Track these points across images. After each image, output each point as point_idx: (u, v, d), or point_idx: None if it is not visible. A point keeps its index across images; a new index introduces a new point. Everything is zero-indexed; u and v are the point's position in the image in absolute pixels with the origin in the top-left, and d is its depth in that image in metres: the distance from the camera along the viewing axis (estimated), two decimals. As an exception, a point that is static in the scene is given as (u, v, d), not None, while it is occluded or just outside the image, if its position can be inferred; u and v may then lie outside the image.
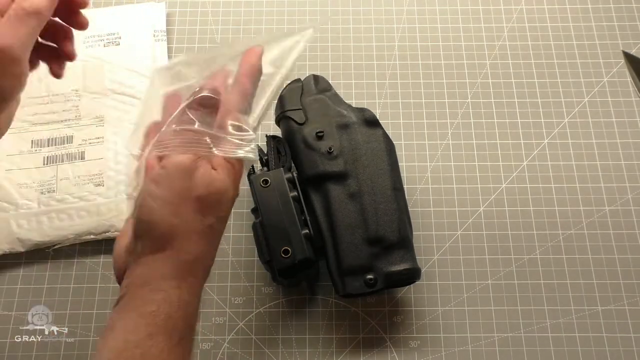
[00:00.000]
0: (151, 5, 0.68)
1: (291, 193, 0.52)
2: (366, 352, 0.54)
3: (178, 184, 0.36)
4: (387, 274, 0.50)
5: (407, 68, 0.67)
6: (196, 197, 0.37)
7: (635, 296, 0.56)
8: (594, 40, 0.68)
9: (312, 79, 0.59)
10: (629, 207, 0.59)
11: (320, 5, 0.71)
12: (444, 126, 0.64)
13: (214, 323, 0.55)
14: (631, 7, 0.70)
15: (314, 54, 0.68)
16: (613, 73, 0.66)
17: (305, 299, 0.56)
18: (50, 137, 0.61)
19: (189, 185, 0.37)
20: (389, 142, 0.55)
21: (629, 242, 0.58)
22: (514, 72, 0.67)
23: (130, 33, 0.67)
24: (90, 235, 0.57)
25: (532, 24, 0.69)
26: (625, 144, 0.63)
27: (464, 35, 0.69)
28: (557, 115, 0.64)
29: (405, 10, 0.70)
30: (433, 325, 0.55)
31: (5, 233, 0.56)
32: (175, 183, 0.36)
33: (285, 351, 0.54)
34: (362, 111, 0.56)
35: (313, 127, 0.55)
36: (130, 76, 0.64)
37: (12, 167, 0.60)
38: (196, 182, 0.37)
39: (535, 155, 0.62)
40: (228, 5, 0.70)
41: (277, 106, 0.58)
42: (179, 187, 0.36)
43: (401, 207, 0.53)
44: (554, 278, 0.57)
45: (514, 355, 0.54)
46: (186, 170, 0.37)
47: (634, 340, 0.54)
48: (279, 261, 0.50)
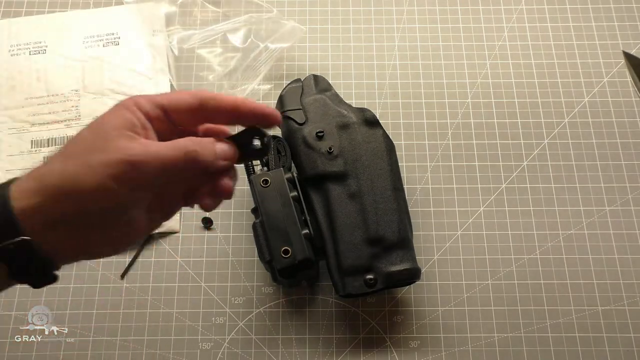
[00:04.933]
0: (150, 5, 0.68)
1: (291, 193, 0.52)
2: (366, 352, 0.54)
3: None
4: (387, 274, 0.50)
5: (407, 68, 0.67)
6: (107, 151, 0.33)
7: (635, 296, 0.56)
8: (594, 40, 0.68)
9: (312, 79, 0.59)
10: (629, 207, 0.59)
11: (320, 5, 0.71)
12: (444, 126, 0.64)
13: (214, 323, 0.55)
14: (631, 7, 0.70)
15: (314, 54, 0.68)
16: (613, 73, 0.66)
17: (305, 299, 0.56)
18: (50, 137, 0.61)
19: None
20: (389, 142, 0.55)
21: (629, 242, 0.58)
22: (514, 72, 0.66)
23: (130, 33, 0.67)
24: (90, 235, 0.57)
25: (532, 24, 0.69)
26: (625, 144, 0.63)
27: (464, 35, 0.69)
28: (557, 115, 0.64)
29: (405, 10, 0.70)
30: (433, 325, 0.55)
31: (5, 233, 0.56)
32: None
33: (285, 351, 0.54)
34: (362, 111, 0.56)
35: (313, 127, 0.55)
36: (129, 76, 0.64)
37: (12, 167, 0.60)
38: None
39: (535, 155, 0.62)
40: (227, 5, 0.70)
41: (277, 106, 0.58)
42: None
43: (401, 207, 0.53)
44: (554, 278, 0.57)
45: (514, 355, 0.54)
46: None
47: (634, 340, 0.54)
48: (279, 261, 0.50)
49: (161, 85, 0.65)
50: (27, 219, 0.32)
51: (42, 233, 0.32)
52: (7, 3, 0.70)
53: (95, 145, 0.33)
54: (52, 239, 0.32)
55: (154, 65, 0.65)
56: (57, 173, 0.32)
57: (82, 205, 0.32)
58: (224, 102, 0.37)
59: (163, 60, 0.66)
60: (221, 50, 0.67)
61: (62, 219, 0.32)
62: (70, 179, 0.32)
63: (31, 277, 0.34)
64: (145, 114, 0.35)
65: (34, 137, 0.61)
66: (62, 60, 0.65)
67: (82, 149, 0.33)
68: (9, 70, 0.65)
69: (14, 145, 0.61)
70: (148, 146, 0.33)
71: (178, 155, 0.34)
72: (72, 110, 0.62)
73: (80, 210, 0.32)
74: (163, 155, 0.33)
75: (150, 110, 0.35)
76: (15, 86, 0.64)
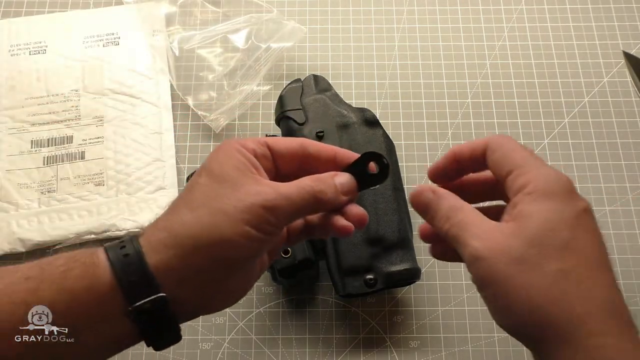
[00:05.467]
0: (150, 5, 0.68)
1: (291, 193, 0.52)
2: (366, 352, 0.54)
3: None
4: (387, 274, 0.50)
5: (407, 68, 0.67)
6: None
7: (635, 296, 0.56)
8: (594, 40, 0.68)
9: (312, 79, 0.59)
10: (629, 207, 0.59)
11: (320, 5, 0.71)
12: (444, 126, 0.64)
13: (214, 323, 0.55)
14: (631, 7, 0.70)
15: (314, 54, 0.68)
16: (613, 73, 0.66)
17: (305, 299, 0.56)
18: (50, 137, 0.61)
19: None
20: (389, 142, 0.55)
21: (629, 242, 0.58)
22: (514, 72, 0.66)
23: (130, 33, 0.67)
24: (91, 235, 0.57)
25: (532, 24, 0.69)
26: (625, 144, 0.63)
27: (464, 35, 0.69)
28: (557, 115, 0.64)
29: (405, 10, 0.70)
30: (433, 325, 0.55)
31: (6, 233, 0.56)
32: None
33: (285, 351, 0.54)
34: (362, 111, 0.56)
35: (313, 127, 0.55)
36: (129, 76, 0.64)
37: (12, 167, 0.60)
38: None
39: (535, 155, 0.62)
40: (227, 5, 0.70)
41: (277, 106, 0.58)
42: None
43: (401, 207, 0.53)
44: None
45: (514, 355, 0.54)
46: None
47: (634, 340, 0.54)
48: (279, 261, 0.50)
49: (161, 85, 0.65)
50: (161, 275, 0.30)
51: (174, 289, 0.30)
52: (7, 3, 0.70)
53: (224, 192, 0.31)
54: (182, 295, 0.30)
55: (154, 65, 0.65)
56: (191, 224, 0.30)
57: (220, 256, 0.30)
58: (324, 150, 0.36)
59: (163, 60, 0.66)
60: (221, 50, 0.67)
61: (195, 273, 0.30)
62: (207, 229, 0.30)
63: (161, 337, 0.31)
64: (252, 151, 0.33)
65: (34, 137, 0.61)
66: (62, 60, 0.65)
67: (209, 196, 0.31)
68: (9, 70, 0.65)
69: (14, 145, 0.61)
70: (277, 188, 0.32)
71: (307, 197, 0.32)
72: (72, 110, 0.62)
73: (217, 262, 0.31)
74: (295, 198, 0.32)
75: (257, 148, 0.34)
76: (15, 86, 0.64)
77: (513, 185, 0.31)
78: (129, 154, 0.60)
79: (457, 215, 0.31)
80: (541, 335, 0.28)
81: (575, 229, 0.28)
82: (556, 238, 0.28)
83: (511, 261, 0.28)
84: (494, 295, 0.29)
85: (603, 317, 0.27)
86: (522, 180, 0.30)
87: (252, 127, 0.64)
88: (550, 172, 0.30)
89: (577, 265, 0.28)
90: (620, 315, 0.28)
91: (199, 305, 0.33)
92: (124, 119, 0.62)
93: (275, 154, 0.35)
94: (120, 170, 0.60)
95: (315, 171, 0.35)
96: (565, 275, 0.27)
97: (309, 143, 0.36)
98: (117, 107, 0.63)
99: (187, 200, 0.32)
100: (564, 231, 0.28)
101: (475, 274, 0.30)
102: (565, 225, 0.28)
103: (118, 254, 0.30)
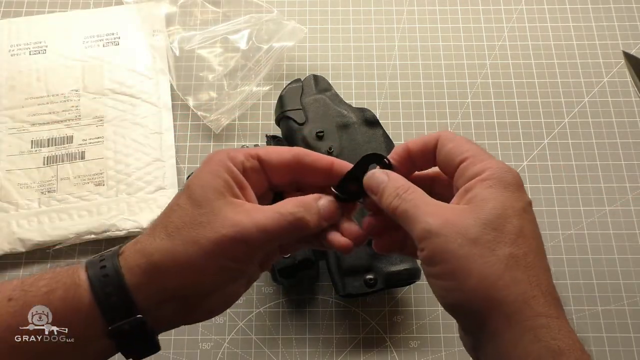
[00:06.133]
0: (150, 5, 0.68)
1: (291, 193, 0.52)
2: (366, 352, 0.54)
3: None
4: (387, 274, 0.50)
5: (407, 68, 0.67)
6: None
7: (635, 296, 0.56)
8: (594, 40, 0.68)
9: (312, 79, 0.59)
10: (629, 207, 0.59)
11: (320, 5, 0.71)
12: (444, 126, 0.64)
13: (214, 323, 0.55)
14: (631, 7, 0.70)
15: (314, 54, 0.68)
16: (613, 73, 0.66)
17: (305, 299, 0.56)
18: (50, 137, 0.61)
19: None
20: (389, 142, 0.55)
21: (629, 242, 0.58)
22: (514, 72, 0.66)
23: (130, 33, 0.67)
24: (91, 235, 0.57)
25: (532, 24, 0.69)
26: (625, 144, 0.63)
27: (464, 35, 0.69)
28: (557, 115, 0.64)
29: (405, 10, 0.70)
30: (433, 325, 0.55)
31: (6, 233, 0.56)
32: None
33: (285, 351, 0.54)
34: (362, 111, 0.56)
35: (313, 127, 0.55)
36: (129, 76, 0.64)
37: (12, 167, 0.60)
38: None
39: (535, 155, 0.62)
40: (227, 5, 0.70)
41: (277, 106, 0.58)
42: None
43: (401, 207, 0.53)
44: (554, 278, 0.56)
45: (514, 355, 0.54)
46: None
47: (634, 340, 0.54)
48: (279, 261, 0.50)
49: (161, 85, 0.65)
50: (139, 296, 0.31)
51: (153, 310, 0.31)
52: (7, 3, 0.70)
53: (200, 219, 0.31)
54: (159, 315, 0.32)
55: (154, 65, 0.65)
56: (164, 251, 0.31)
57: (195, 282, 0.32)
58: (320, 161, 0.35)
59: (163, 60, 0.66)
60: (221, 51, 0.67)
61: (172, 297, 0.32)
62: (179, 258, 0.31)
63: (139, 351, 0.33)
64: (240, 166, 0.34)
65: (34, 137, 0.61)
66: (62, 60, 0.65)
67: (186, 222, 0.32)
68: (9, 70, 0.65)
69: (14, 145, 0.61)
70: (254, 216, 0.32)
71: (286, 225, 0.32)
72: (72, 110, 0.62)
73: (190, 288, 0.32)
74: (272, 228, 0.32)
75: (245, 160, 0.34)
76: (15, 86, 0.64)
77: (466, 172, 0.32)
78: (129, 154, 0.60)
79: (409, 194, 0.32)
80: (488, 315, 0.29)
81: (524, 219, 0.30)
82: (510, 225, 0.29)
83: (466, 241, 0.29)
84: (444, 272, 0.30)
85: (547, 301, 0.29)
86: (478, 167, 0.32)
87: (252, 127, 0.64)
88: (503, 164, 0.32)
89: (528, 252, 0.29)
90: (558, 299, 0.30)
91: (179, 321, 0.34)
92: (124, 119, 0.62)
93: (266, 167, 0.35)
94: (120, 170, 0.60)
95: (310, 181, 0.36)
96: (517, 261, 0.29)
97: (304, 153, 0.35)
98: (117, 107, 0.63)
99: (166, 223, 0.32)
100: (516, 219, 0.30)
101: (427, 249, 0.30)
102: (517, 214, 0.30)
103: (98, 274, 0.31)
